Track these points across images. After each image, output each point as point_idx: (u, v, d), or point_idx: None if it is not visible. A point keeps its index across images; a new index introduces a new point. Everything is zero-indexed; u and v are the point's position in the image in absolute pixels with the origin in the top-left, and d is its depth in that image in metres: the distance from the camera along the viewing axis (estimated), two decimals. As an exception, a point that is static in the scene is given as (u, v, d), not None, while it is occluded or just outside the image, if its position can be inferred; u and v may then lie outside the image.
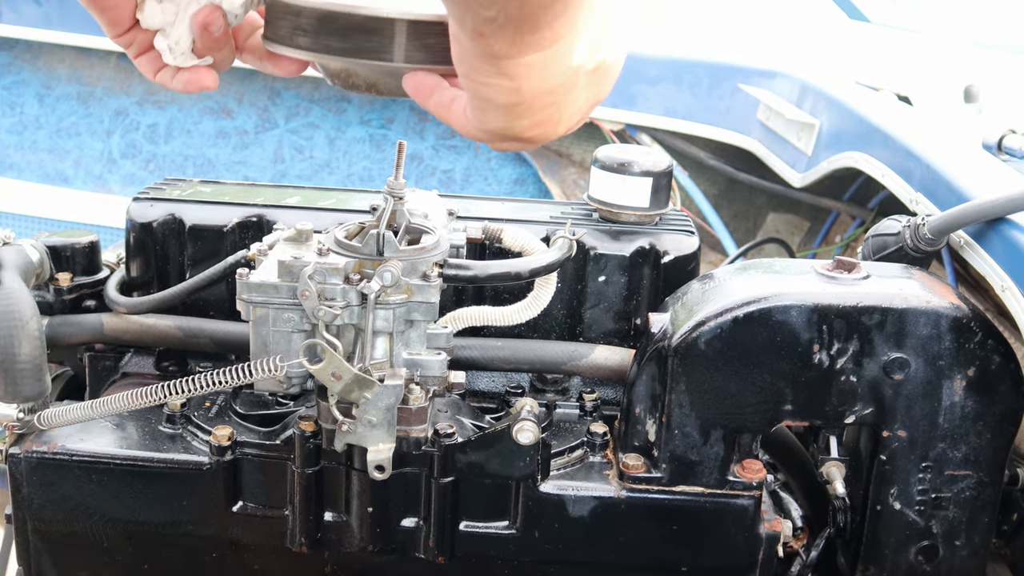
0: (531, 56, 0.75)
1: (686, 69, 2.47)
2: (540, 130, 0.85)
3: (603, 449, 1.22)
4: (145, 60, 0.97)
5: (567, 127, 0.88)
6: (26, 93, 2.87)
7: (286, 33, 0.93)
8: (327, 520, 1.17)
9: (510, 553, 1.18)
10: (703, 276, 1.23)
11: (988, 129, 1.73)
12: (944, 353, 1.11)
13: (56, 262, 1.39)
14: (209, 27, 0.93)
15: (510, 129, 0.84)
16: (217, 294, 1.36)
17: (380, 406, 1.07)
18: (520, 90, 0.79)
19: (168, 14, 0.94)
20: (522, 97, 0.80)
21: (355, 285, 1.06)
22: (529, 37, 0.73)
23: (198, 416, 1.22)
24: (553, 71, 0.79)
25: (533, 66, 0.77)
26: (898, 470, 1.17)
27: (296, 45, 0.92)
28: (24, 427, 1.18)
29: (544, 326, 1.35)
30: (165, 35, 0.96)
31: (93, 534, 1.20)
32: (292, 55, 0.94)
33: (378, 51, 0.90)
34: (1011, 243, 1.26)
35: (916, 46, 2.72)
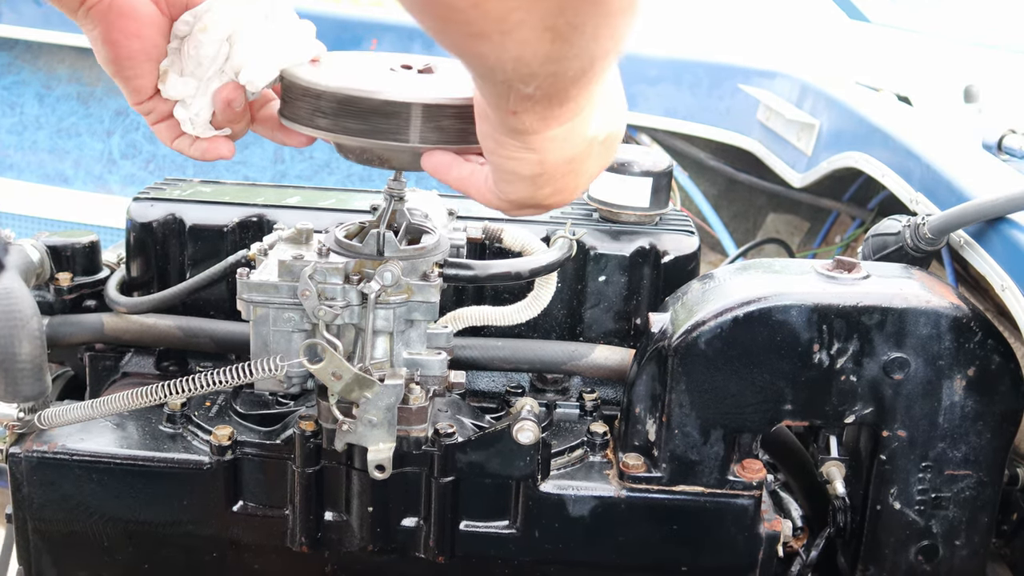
0: (556, 129, 0.79)
1: (686, 69, 2.47)
2: (559, 197, 0.90)
3: (603, 449, 1.22)
4: (164, 127, 1.01)
5: (580, 192, 0.93)
6: (26, 93, 2.87)
7: (305, 114, 0.97)
8: (327, 520, 1.17)
9: (510, 553, 1.18)
10: (703, 276, 1.23)
11: (988, 129, 1.73)
12: (944, 353, 1.11)
13: (56, 262, 1.39)
14: (231, 104, 0.98)
15: (532, 198, 0.89)
16: (217, 294, 1.36)
17: (380, 406, 1.07)
18: (544, 162, 0.83)
19: (189, 87, 0.98)
20: (545, 168, 0.84)
21: (355, 285, 1.06)
22: (557, 110, 0.76)
23: (198, 416, 1.22)
24: (573, 142, 0.83)
25: (556, 139, 0.81)
26: (898, 470, 1.17)
27: (315, 125, 0.97)
28: (24, 427, 1.18)
29: (544, 326, 1.35)
30: (185, 106, 0.99)
31: (93, 534, 1.20)
32: (311, 135, 0.98)
33: (395, 133, 0.94)
34: (1011, 243, 1.26)
35: (916, 46, 2.72)
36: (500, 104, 0.76)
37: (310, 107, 0.96)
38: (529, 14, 0.60)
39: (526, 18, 0.60)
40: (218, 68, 0.98)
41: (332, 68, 0.99)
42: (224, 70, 0.98)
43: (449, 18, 0.61)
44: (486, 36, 0.62)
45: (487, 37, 0.62)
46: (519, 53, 0.64)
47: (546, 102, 0.74)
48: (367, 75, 0.98)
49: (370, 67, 1.00)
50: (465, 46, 0.65)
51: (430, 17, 0.62)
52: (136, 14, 0.95)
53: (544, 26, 0.61)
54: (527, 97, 0.73)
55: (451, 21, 0.61)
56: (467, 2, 0.59)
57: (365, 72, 0.99)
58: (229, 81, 0.98)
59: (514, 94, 0.73)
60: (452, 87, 0.95)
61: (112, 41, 0.96)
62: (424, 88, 0.95)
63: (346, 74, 0.97)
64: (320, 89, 0.95)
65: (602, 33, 0.65)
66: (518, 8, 0.59)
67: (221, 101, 0.98)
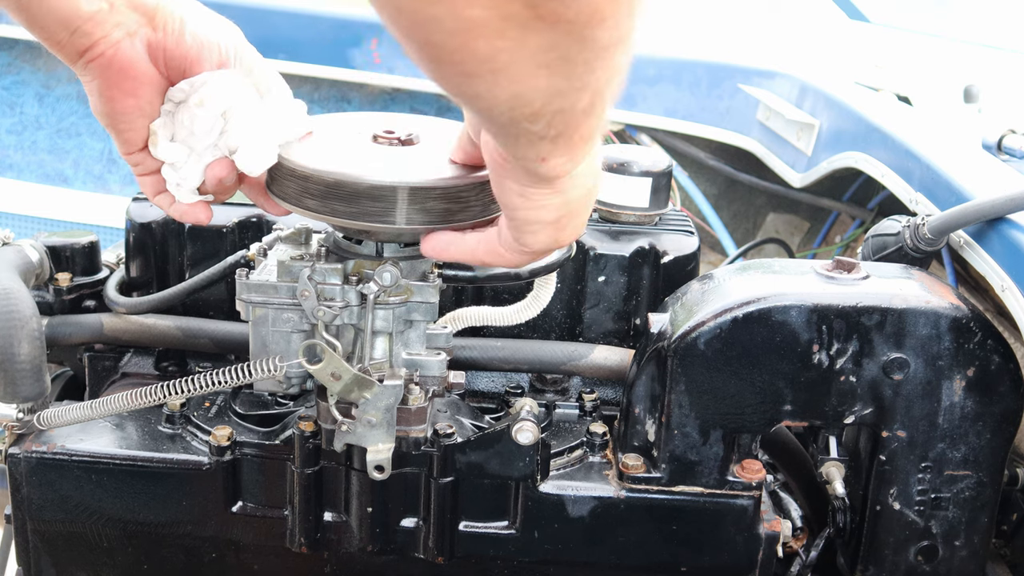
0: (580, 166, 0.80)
1: (686, 69, 2.47)
2: (574, 233, 0.90)
3: (603, 449, 1.22)
4: (149, 180, 1.04)
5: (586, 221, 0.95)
6: (26, 93, 2.87)
7: (293, 193, 1.00)
8: (327, 520, 1.17)
9: (510, 553, 1.18)
10: (703, 276, 1.23)
11: (988, 129, 1.73)
12: (944, 353, 1.11)
13: (56, 262, 1.39)
14: (223, 181, 1.01)
15: (556, 242, 0.89)
16: (217, 294, 1.36)
17: (379, 406, 1.07)
18: (569, 202, 0.85)
19: (180, 153, 1.00)
20: (569, 208, 0.85)
21: (354, 286, 1.06)
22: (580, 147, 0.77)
23: (198, 416, 1.22)
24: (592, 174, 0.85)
25: (579, 175, 0.82)
26: (898, 470, 1.16)
27: (303, 206, 1.00)
28: (24, 427, 1.18)
29: (544, 326, 1.35)
30: (175, 169, 1.01)
31: (93, 534, 1.20)
32: (300, 214, 1.01)
33: (382, 215, 0.96)
34: (1011, 243, 1.26)
35: (916, 46, 2.72)
36: (528, 155, 0.77)
37: (299, 188, 0.99)
38: (516, 54, 0.61)
39: (514, 58, 0.61)
40: (211, 142, 0.99)
41: (319, 145, 1.02)
42: (218, 144, 1.00)
43: (441, 59, 0.62)
44: (478, 75, 0.63)
45: (479, 76, 0.63)
46: (515, 90, 0.65)
47: (566, 141, 0.75)
48: (353, 153, 1.01)
49: (354, 140, 1.03)
50: (461, 86, 0.66)
51: (425, 59, 0.63)
52: (134, 72, 0.96)
53: (535, 63, 0.62)
54: (543, 138, 0.73)
55: (443, 62, 0.62)
56: (456, 43, 0.60)
57: (350, 148, 1.02)
58: (223, 158, 1.00)
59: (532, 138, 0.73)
60: (436, 165, 0.98)
61: (108, 96, 0.97)
62: (409, 168, 0.97)
63: (333, 154, 1.00)
64: (308, 172, 0.97)
65: (598, 66, 0.66)
66: (504, 49, 0.60)
67: (214, 178, 1.01)
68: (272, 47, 2.52)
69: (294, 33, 2.57)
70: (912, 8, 3.03)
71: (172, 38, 0.96)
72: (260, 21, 2.56)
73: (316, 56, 2.56)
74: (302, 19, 2.59)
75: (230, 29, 1.01)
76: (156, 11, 0.96)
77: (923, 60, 2.62)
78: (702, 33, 2.80)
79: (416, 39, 0.61)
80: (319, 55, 2.57)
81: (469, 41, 0.60)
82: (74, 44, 0.94)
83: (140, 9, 0.95)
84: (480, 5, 0.57)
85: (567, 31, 0.60)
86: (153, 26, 0.96)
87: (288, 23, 2.58)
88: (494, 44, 0.60)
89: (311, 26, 2.57)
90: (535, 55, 0.61)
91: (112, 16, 0.94)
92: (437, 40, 0.60)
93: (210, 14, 1.00)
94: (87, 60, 0.95)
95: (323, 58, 2.56)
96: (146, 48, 0.96)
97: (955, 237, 1.36)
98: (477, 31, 0.59)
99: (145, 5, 0.95)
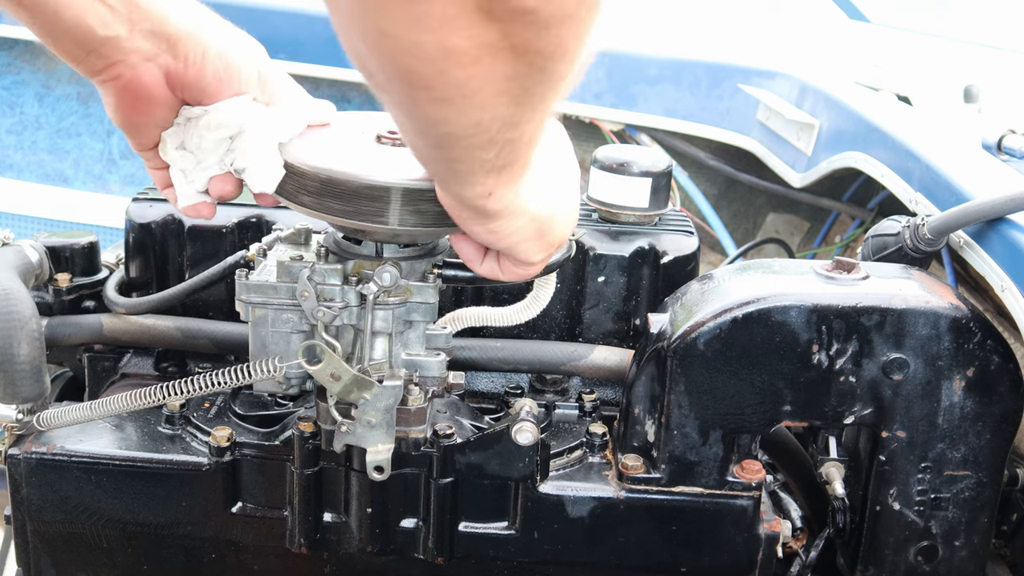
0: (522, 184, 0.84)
1: (686, 69, 2.47)
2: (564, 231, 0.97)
3: (602, 450, 1.22)
4: (158, 175, 1.06)
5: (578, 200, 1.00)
6: (26, 93, 2.87)
7: (291, 190, 1.00)
8: (326, 521, 1.17)
9: (509, 554, 1.18)
10: (702, 276, 1.23)
11: (988, 129, 1.73)
12: (943, 353, 1.11)
13: (55, 263, 1.39)
14: (225, 196, 1.04)
15: (553, 241, 0.96)
16: (216, 295, 1.36)
17: (379, 407, 1.07)
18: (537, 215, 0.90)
19: (187, 161, 1.02)
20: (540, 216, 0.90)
21: (354, 286, 1.06)
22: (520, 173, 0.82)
23: (197, 417, 1.22)
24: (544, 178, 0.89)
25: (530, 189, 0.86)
26: (897, 470, 1.16)
27: (300, 202, 1.00)
28: (23, 428, 1.18)
29: (543, 326, 1.35)
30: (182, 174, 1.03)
31: (92, 535, 1.20)
32: (296, 210, 1.02)
33: (375, 215, 0.97)
34: (1011, 243, 1.26)
35: (916, 46, 2.72)
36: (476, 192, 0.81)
37: (296, 184, 1.00)
38: (485, 81, 0.64)
39: (483, 85, 0.64)
40: (219, 158, 1.01)
41: (321, 143, 1.03)
42: (224, 161, 1.02)
43: (417, 84, 0.64)
44: (449, 100, 0.66)
45: (450, 101, 0.66)
46: (478, 117, 0.68)
47: (509, 172, 0.79)
48: (351, 152, 1.01)
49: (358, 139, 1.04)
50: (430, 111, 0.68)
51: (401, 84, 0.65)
52: (149, 95, 0.97)
53: (499, 90, 0.65)
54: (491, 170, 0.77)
55: (418, 87, 0.65)
56: (434, 69, 0.63)
57: (352, 147, 1.02)
58: (228, 173, 1.02)
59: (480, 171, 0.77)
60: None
61: (122, 110, 0.98)
62: (405, 170, 0.98)
63: (333, 152, 1.01)
64: (304, 168, 0.98)
65: (548, 96, 0.70)
66: (476, 76, 0.63)
67: (217, 190, 1.03)
68: (272, 47, 2.50)
69: (294, 33, 2.57)
70: (912, 8, 3.03)
71: (193, 70, 0.97)
72: (260, 21, 2.56)
73: (316, 56, 2.56)
74: (302, 19, 2.59)
75: (253, 52, 1.01)
76: (179, 40, 0.95)
77: (923, 60, 2.62)
78: (702, 33, 2.80)
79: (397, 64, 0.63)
80: (319, 55, 2.57)
81: (448, 68, 0.62)
82: (90, 63, 0.94)
83: (161, 36, 0.94)
84: (461, 34, 0.60)
85: (531, 62, 0.64)
86: (174, 54, 0.96)
87: (288, 23, 2.58)
88: (468, 71, 0.63)
89: (311, 26, 2.57)
90: (500, 83, 0.65)
91: (130, 42, 0.93)
92: (416, 66, 0.63)
93: (234, 38, 1.00)
94: (102, 80, 0.96)
95: (323, 58, 2.56)
96: (164, 75, 0.96)
97: (955, 237, 1.36)
98: (455, 58, 0.62)
99: (167, 32, 0.95)
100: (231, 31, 1.00)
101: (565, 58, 0.65)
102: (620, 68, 2.48)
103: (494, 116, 0.69)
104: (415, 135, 0.75)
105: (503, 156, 0.76)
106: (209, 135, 0.99)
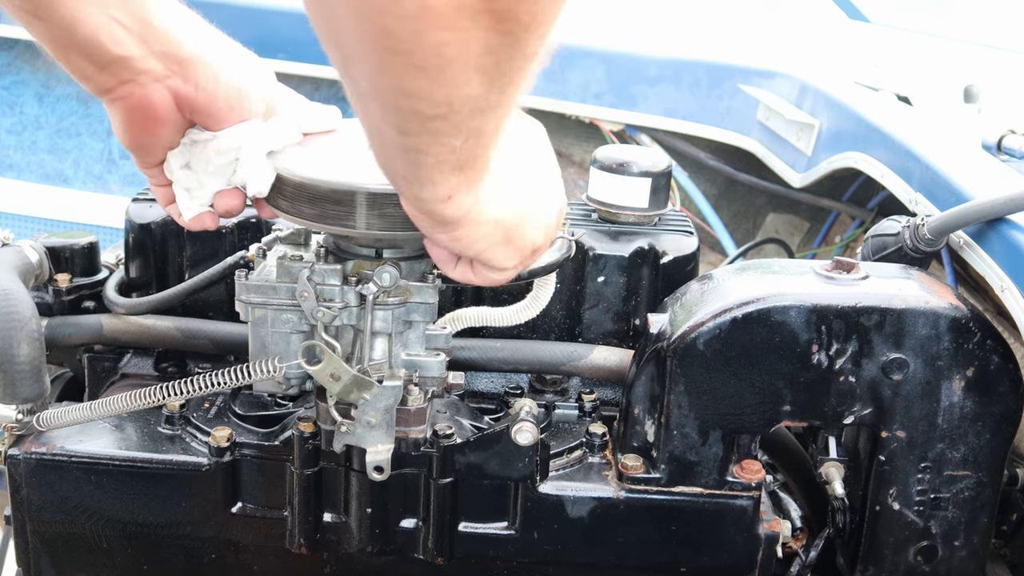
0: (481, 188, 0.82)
1: (686, 69, 2.47)
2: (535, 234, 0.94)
3: (602, 450, 1.22)
4: (161, 191, 1.06)
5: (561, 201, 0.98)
6: (26, 93, 2.87)
7: (272, 195, 1.03)
8: (326, 521, 1.17)
9: (509, 554, 1.18)
10: (702, 276, 1.23)
11: (988, 129, 1.73)
12: (943, 353, 1.11)
13: (55, 263, 1.39)
14: (230, 211, 1.05)
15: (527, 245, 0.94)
16: (216, 295, 1.36)
17: (379, 407, 1.07)
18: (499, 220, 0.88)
19: (191, 180, 1.03)
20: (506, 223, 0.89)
21: (354, 286, 1.06)
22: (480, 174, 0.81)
23: (197, 417, 1.22)
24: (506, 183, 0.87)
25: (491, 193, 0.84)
26: (897, 470, 1.16)
27: (276, 206, 1.03)
28: (23, 428, 1.18)
29: (543, 327, 1.35)
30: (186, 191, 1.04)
31: (92, 535, 1.20)
32: (273, 213, 1.05)
33: (343, 219, 0.99)
34: (1011, 243, 1.26)
35: (916, 46, 2.72)
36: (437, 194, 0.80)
37: (275, 190, 1.02)
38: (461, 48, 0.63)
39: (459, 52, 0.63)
40: (226, 180, 1.03)
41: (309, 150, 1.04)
42: (231, 180, 1.03)
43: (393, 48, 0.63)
44: (423, 69, 0.64)
45: (424, 70, 0.64)
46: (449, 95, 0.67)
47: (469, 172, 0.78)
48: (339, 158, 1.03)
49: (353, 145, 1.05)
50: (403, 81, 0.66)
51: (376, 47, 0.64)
52: (157, 116, 0.97)
53: (474, 65, 0.64)
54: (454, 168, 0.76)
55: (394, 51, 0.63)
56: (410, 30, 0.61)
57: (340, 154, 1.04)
58: (233, 188, 1.03)
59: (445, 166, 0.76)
60: None
61: (129, 128, 0.98)
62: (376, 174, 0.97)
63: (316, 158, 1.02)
64: (281, 174, 1.01)
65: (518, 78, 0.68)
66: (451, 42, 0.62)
67: (223, 205, 1.04)
68: (272, 47, 2.52)
69: (294, 33, 2.57)
70: (912, 8, 3.03)
71: (204, 95, 0.97)
72: (260, 21, 2.56)
73: (316, 56, 2.56)
74: (302, 19, 2.56)
75: (262, 77, 1.02)
76: (191, 63, 0.95)
77: (923, 60, 2.62)
78: (702, 33, 2.80)
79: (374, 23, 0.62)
80: (319, 55, 2.54)
81: (424, 29, 0.61)
82: (101, 81, 0.94)
83: (174, 58, 0.94)
84: None
85: (507, 31, 0.63)
86: (185, 77, 0.96)
87: (288, 23, 2.57)
88: (445, 35, 0.61)
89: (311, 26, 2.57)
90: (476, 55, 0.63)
91: (142, 63, 0.93)
92: (393, 25, 0.61)
93: (245, 64, 1.00)
94: (112, 98, 0.95)
95: (323, 58, 2.53)
96: (173, 97, 0.96)
97: (955, 237, 1.36)
98: (434, 19, 0.60)
99: (180, 55, 0.94)
100: (242, 56, 1.00)
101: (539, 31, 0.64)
102: (620, 68, 2.48)
103: (466, 95, 0.67)
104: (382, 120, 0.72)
105: (466, 149, 0.74)
106: (217, 159, 1.00)
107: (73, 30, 0.89)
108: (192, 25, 0.97)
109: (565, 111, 2.49)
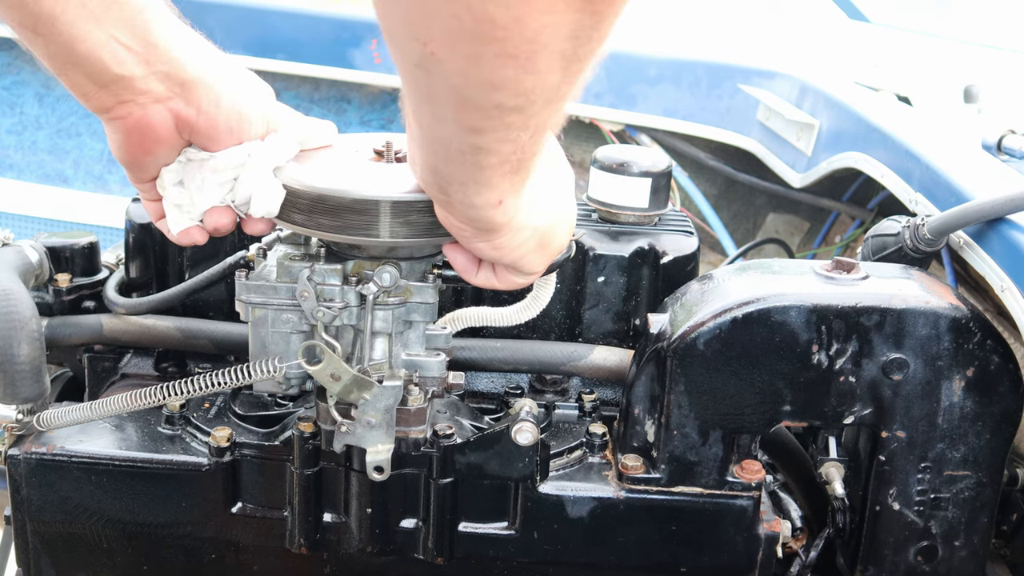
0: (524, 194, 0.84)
1: (686, 69, 2.47)
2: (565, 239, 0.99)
3: (602, 450, 1.22)
4: (153, 206, 1.07)
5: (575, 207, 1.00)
6: (26, 93, 2.87)
7: (283, 210, 1.02)
8: (326, 521, 1.17)
9: (509, 554, 1.18)
10: (702, 276, 1.23)
11: (988, 129, 1.73)
12: (943, 353, 1.11)
13: (55, 263, 1.39)
14: (219, 229, 1.04)
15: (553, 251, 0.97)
16: (216, 295, 1.36)
17: (379, 407, 1.07)
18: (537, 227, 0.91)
19: (183, 197, 1.03)
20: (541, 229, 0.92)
21: (354, 286, 1.06)
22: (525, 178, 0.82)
23: (197, 417, 1.22)
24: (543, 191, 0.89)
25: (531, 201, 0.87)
26: (897, 470, 1.16)
27: (291, 220, 1.02)
28: (23, 428, 1.18)
29: (543, 327, 1.35)
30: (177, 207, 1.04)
31: (92, 535, 1.20)
32: (288, 228, 1.04)
33: (365, 229, 0.99)
34: (1011, 243, 1.26)
35: (916, 46, 2.72)
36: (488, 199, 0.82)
37: (287, 204, 1.01)
38: (554, 35, 0.63)
39: (550, 40, 0.63)
40: (218, 197, 1.02)
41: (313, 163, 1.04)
42: (225, 198, 1.03)
43: (488, 36, 0.62)
44: (515, 58, 0.64)
45: (516, 59, 0.64)
46: (532, 84, 0.66)
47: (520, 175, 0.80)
48: (343, 169, 1.03)
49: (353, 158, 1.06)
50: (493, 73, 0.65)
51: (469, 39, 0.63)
52: (156, 136, 0.97)
53: (558, 51, 0.64)
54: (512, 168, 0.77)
55: (489, 40, 0.62)
56: (511, 16, 0.60)
57: (343, 165, 1.04)
58: (226, 207, 1.03)
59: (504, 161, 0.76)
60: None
61: (126, 147, 0.98)
62: (394, 183, 0.99)
63: (322, 170, 1.02)
64: (294, 187, 1.00)
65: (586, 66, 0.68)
66: (548, 27, 0.62)
67: (213, 223, 1.03)
68: (272, 47, 2.52)
69: (294, 33, 2.57)
70: (912, 8, 3.03)
71: (204, 118, 0.96)
72: (260, 21, 2.56)
73: (316, 56, 2.56)
74: (302, 19, 2.59)
75: (262, 99, 1.01)
76: (193, 85, 0.95)
77: (923, 60, 2.62)
78: (702, 33, 2.80)
79: (473, 12, 0.61)
80: (319, 55, 2.57)
81: (525, 14, 0.60)
82: (100, 100, 0.93)
83: (176, 80, 0.94)
84: None
85: (596, 11, 0.62)
86: (187, 99, 0.95)
87: (288, 23, 2.58)
88: (544, 20, 0.61)
89: (311, 26, 2.57)
90: (562, 40, 0.63)
91: (144, 83, 0.93)
92: (495, 12, 0.60)
93: (246, 86, 1.00)
94: (111, 117, 0.95)
95: (323, 58, 2.56)
96: (174, 119, 0.96)
97: (955, 237, 1.36)
98: (534, 3, 0.60)
99: (182, 78, 0.94)
100: (244, 78, 1.00)
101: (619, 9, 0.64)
102: (620, 68, 2.48)
103: (546, 84, 0.67)
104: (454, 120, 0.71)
105: (529, 146, 0.74)
106: (213, 177, 1.00)
107: (72, 47, 0.88)
108: (195, 46, 0.96)
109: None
